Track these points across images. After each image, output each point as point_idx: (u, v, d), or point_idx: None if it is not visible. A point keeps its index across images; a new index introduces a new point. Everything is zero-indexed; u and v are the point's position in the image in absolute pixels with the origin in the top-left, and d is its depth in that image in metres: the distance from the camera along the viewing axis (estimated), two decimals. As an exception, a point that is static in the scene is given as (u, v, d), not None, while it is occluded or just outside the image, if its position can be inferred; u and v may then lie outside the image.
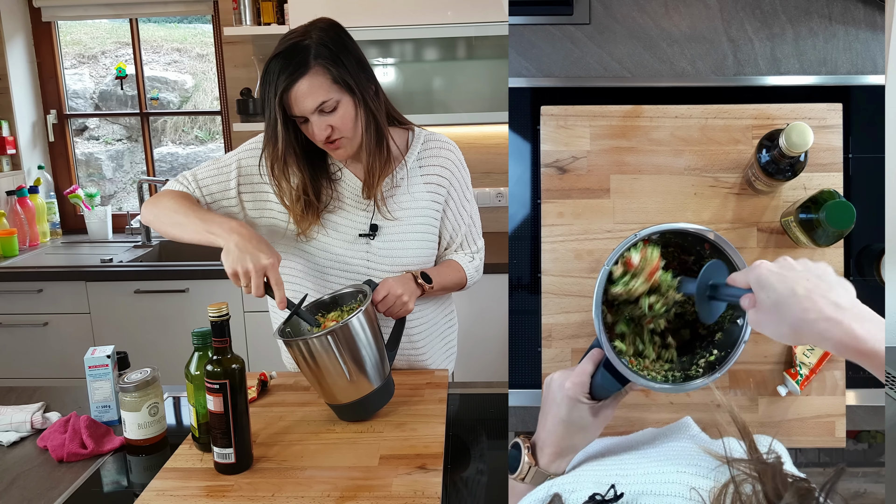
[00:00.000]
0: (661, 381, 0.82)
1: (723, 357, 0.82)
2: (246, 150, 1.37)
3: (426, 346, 1.47)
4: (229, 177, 1.35)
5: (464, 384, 1.43)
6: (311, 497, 0.96)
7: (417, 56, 2.68)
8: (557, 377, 0.82)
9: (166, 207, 1.27)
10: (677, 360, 0.86)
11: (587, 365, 0.80)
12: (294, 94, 1.19)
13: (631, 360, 0.86)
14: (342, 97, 1.22)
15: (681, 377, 0.84)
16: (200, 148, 3.72)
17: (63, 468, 1.11)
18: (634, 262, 0.82)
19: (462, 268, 1.45)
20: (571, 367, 0.83)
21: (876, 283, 1.16)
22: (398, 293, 1.28)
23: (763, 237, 1.14)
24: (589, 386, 0.79)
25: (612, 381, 0.79)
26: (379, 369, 1.18)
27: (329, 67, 1.20)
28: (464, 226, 1.46)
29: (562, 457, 0.80)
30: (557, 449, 0.80)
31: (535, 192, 1.19)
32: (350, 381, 1.14)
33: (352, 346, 1.13)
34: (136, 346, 2.15)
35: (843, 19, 1.20)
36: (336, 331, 1.11)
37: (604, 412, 0.80)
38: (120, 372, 1.27)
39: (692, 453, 0.68)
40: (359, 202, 1.37)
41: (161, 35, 3.61)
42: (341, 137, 1.26)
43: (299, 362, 1.16)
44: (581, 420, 0.79)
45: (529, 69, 1.22)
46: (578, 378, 0.79)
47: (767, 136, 1.05)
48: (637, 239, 0.81)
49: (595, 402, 0.79)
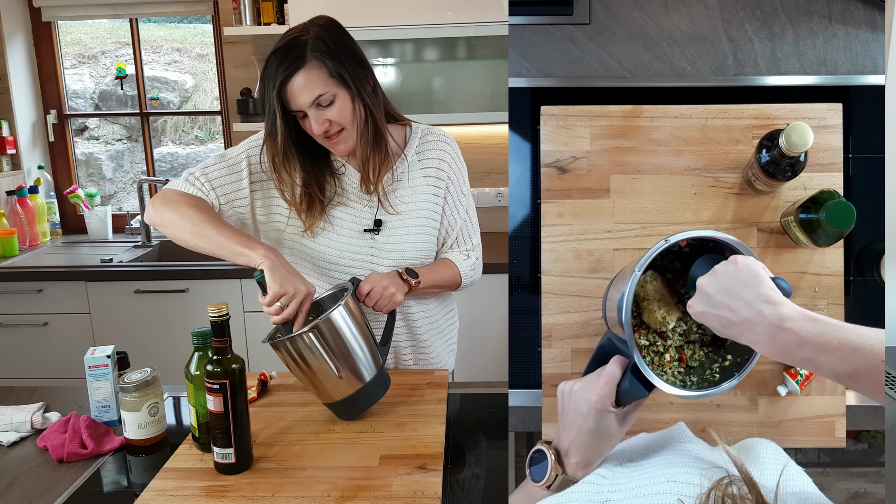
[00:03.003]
0: (680, 386, 0.83)
1: (739, 362, 0.82)
2: (253, 146, 1.37)
3: (430, 343, 1.48)
4: (241, 175, 1.35)
5: (464, 384, 1.43)
6: (311, 497, 0.96)
7: (417, 56, 2.68)
8: (579, 388, 0.80)
9: (187, 214, 1.24)
10: (697, 364, 0.87)
11: (614, 373, 0.79)
12: (291, 87, 1.21)
13: (652, 366, 0.87)
14: (338, 91, 1.23)
15: (697, 382, 0.84)
16: (200, 148, 3.72)
17: (63, 468, 1.11)
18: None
19: (455, 265, 1.45)
20: (586, 375, 0.82)
21: (876, 283, 1.16)
22: (384, 285, 1.28)
23: (763, 237, 1.14)
24: (615, 395, 0.79)
25: (641, 389, 0.78)
26: (368, 363, 1.18)
27: (325, 61, 1.21)
28: (459, 220, 1.46)
29: (588, 466, 0.79)
30: (585, 458, 0.79)
31: (535, 192, 1.19)
32: (340, 378, 1.15)
33: (336, 340, 1.13)
34: (136, 346, 2.15)
35: (843, 19, 1.20)
36: (318, 325, 1.11)
37: (629, 417, 0.79)
38: (120, 372, 1.27)
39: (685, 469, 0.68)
40: (362, 198, 1.38)
41: (161, 35, 3.61)
42: (340, 132, 1.27)
43: (288, 364, 1.17)
44: (609, 429, 0.78)
45: (529, 69, 1.22)
46: (605, 389, 0.78)
47: (767, 136, 1.05)
48: (667, 244, 0.80)
49: (621, 409, 0.78)
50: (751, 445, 0.81)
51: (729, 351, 0.85)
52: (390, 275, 1.33)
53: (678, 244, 0.81)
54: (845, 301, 1.14)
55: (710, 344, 0.89)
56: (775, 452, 0.79)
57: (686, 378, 0.86)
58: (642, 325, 0.90)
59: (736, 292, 0.69)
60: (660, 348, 0.89)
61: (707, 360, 0.88)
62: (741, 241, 0.78)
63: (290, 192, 1.32)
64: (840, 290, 1.14)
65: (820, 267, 1.14)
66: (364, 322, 1.20)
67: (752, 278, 0.69)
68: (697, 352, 0.89)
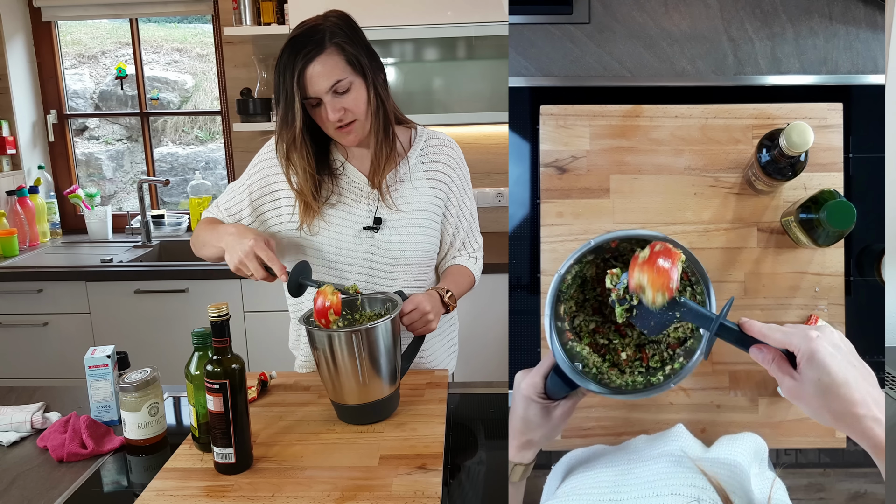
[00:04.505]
0: (618, 385, 0.82)
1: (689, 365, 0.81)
2: (253, 170, 1.43)
3: (429, 344, 1.48)
4: (242, 205, 1.42)
5: (464, 384, 1.43)
6: (311, 497, 0.96)
7: (417, 56, 2.68)
8: (520, 375, 0.85)
9: (198, 233, 1.41)
10: (645, 364, 0.86)
11: (543, 366, 0.83)
12: (310, 73, 1.23)
13: (595, 360, 0.86)
14: (355, 79, 1.26)
15: (643, 383, 0.83)
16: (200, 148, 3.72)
17: (63, 468, 1.11)
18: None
19: (471, 272, 1.49)
20: (537, 366, 0.85)
21: (876, 283, 1.16)
22: (426, 310, 1.28)
23: (763, 237, 1.14)
24: (543, 386, 0.82)
25: (560, 384, 0.81)
26: (390, 380, 1.19)
27: (344, 47, 1.24)
28: (465, 223, 1.47)
29: (524, 449, 0.84)
30: (518, 443, 0.84)
31: (535, 192, 1.19)
32: (361, 384, 1.15)
33: (372, 349, 1.14)
34: (136, 346, 2.15)
35: (843, 19, 1.20)
36: (360, 331, 1.12)
37: (557, 412, 0.82)
38: (120, 372, 1.27)
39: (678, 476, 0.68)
40: (361, 196, 1.38)
41: (161, 35, 3.61)
42: (353, 122, 1.28)
43: (317, 354, 1.17)
44: (535, 418, 0.82)
45: (529, 69, 1.22)
46: (533, 378, 0.82)
47: (767, 135, 1.05)
48: (591, 246, 0.82)
49: (550, 401, 0.82)
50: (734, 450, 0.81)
51: (686, 354, 0.83)
52: (433, 298, 1.33)
53: (609, 243, 0.83)
54: (845, 301, 1.14)
55: (675, 346, 0.87)
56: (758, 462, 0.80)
57: (629, 379, 0.84)
58: (605, 324, 0.90)
59: (847, 406, 0.61)
60: (617, 346, 0.89)
61: (669, 360, 0.86)
62: (674, 239, 0.79)
63: (302, 177, 1.33)
64: (840, 290, 1.14)
65: (820, 267, 1.14)
66: (399, 340, 1.21)
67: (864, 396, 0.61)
68: (664, 352, 0.87)
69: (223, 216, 1.43)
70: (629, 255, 0.86)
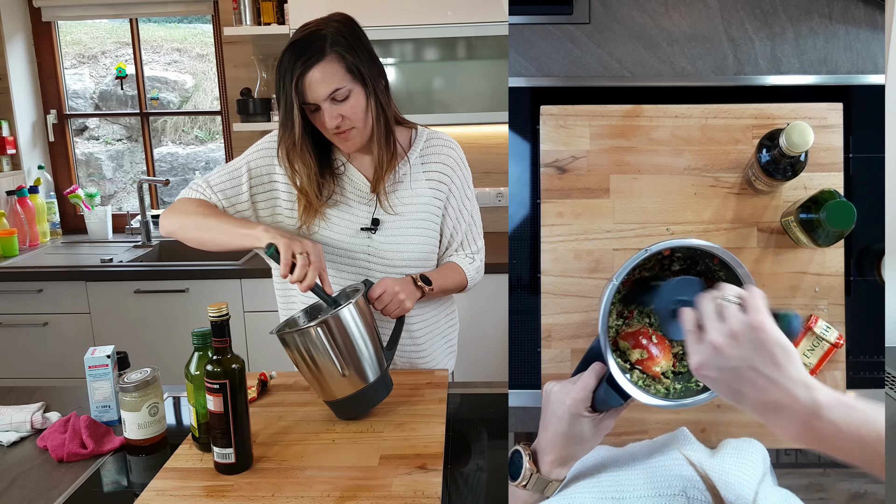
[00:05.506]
0: (663, 395, 0.82)
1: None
2: (255, 150, 1.40)
3: (428, 345, 1.48)
4: (241, 181, 1.37)
5: (464, 384, 1.43)
6: (311, 497, 0.96)
7: (417, 56, 2.68)
8: (557, 390, 0.81)
9: (192, 213, 1.30)
10: (686, 370, 0.86)
11: (590, 380, 0.79)
12: (308, 80, 1.22)
13: (635, 371, 0.86)
14: (354, 87, 1.25)
15: (681, 390, 0.83)
16: (200, 148, 3.72)
17: (63, 468, 1.11)
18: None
19: (462, 269, 1.47)
20: (568, 378, 0.82)
21: (876, 283, 1.16)
22: (395, 290, 1.29)
23: (763, 237, 1.14)
24: (591, 400, 0.79)
25: (615, 397, 0.78)
26: (373, 364, 1.18)
27: (344, 55, 1.23)
28: (464, 224, 1.47)
29: (563, 465, 0.80)
30: (558, 458, 0.80)
31: (535, 192, 1.19)
32: (343, 375, 1.15)
33: (343, 338, 1.14)
34: (136, 346, 2.15)
35: (843, 19, 1.20)
36: (327, 321, 1.13)
37: (604, 424, 0.80)
38: (120, 372, 1.27)
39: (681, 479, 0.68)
40: (361, 197, 1.38)
41: (161, 35, 3.61)
42: (351, 128, 1.28)
43: (294, 358, 1.17)
44: (582, 433, 0.79)
45: (529, 69, 1.22)
46: (580, 394, 0.78)
47: (767, 135, 1.05)
48: (648, 254, 0.79)
49: (596, 414, 0.79)
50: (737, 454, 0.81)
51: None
52: (403, 280, 1.33)
53: (661, 253, 0.80)
54: (845, 301, 1.14)
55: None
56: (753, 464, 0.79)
57: (671, 385, 0.85)
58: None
59: (763, 366, 0.60)
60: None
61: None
62: (734, 256, 0.77)
63: (305, 179, 1.32)
64: (840, 290, 1.14)
65: (820, 267, 1.14)
66: (372, 324, 1.20)
67: (784, 353, 0.60)
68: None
69: (217, 199, 1.36)
70: (678, 263, 0.87)
